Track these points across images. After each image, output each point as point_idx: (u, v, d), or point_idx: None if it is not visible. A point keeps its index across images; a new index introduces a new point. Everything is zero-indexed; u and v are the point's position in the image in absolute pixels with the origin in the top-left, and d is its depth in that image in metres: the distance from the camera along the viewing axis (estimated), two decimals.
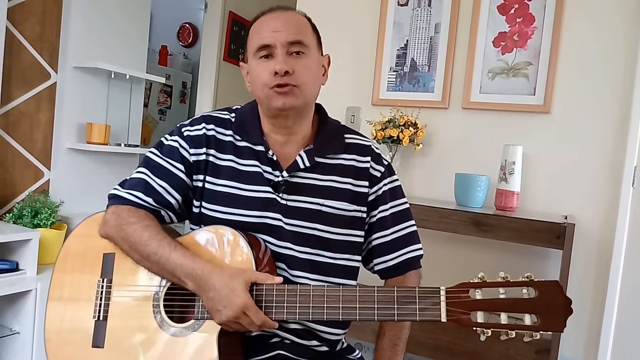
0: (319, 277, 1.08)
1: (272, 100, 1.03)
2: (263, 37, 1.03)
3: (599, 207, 1.94)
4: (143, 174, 1.09)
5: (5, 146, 2.33)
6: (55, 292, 1.10)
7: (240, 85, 2.88)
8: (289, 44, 1.02)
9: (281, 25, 1.03)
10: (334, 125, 1.18)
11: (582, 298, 1.94)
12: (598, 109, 1.95)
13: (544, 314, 0.85)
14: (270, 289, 0.95)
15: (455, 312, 0.88)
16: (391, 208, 1.16)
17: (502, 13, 2.11)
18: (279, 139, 1.10)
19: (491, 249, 2.11)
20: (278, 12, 1.06)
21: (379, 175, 1.15)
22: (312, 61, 1.06)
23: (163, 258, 0.98)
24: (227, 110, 1.15)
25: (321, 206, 1.09)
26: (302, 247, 1.07)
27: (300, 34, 1.04)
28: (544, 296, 0.85)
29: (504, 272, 0.88)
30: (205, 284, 0.94)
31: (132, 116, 2.92)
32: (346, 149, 1.14)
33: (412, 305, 0.90)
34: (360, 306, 0.92)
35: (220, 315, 0.93)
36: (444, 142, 2.24)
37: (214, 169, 1.09)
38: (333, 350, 1.14)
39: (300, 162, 1.08)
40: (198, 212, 1.10)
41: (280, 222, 1.07)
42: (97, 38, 2.64)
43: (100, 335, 1.04)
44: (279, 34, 1.02)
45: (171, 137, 1.12)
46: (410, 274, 1.17)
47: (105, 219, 1.06)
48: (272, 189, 1.07)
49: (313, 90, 1.08)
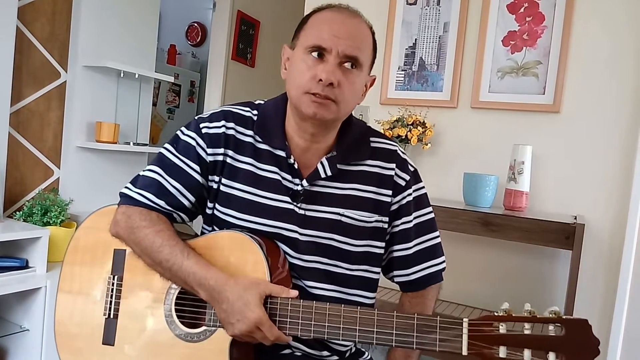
0: (335, 288, 1.05)
1: (304, 106, 0.96)
2: (321, 38, 0.95)
3: (609, 208, 1.92)
4: (156, 173, 1.04)
5: (15, 145, 2.35)
6: (65, 285, 1.09)
7: (249, 84, 2.89)
8: (345, 56, 0.95)
9: (345, 34, 0.95)
10: (359, 129, 1.11)
11: (592, 299, 1.93)
12: (608, 109, 1.93)
13: (570, 353, 0.80)
14: (285, 303, 0.92)
15: (477, 345, 0.84)
16: (415, 219, 1.10)
17: (512, 12, 2.10)
18: (301, 143, 1.04)
19: (500, 249, 2.10)
20: (346, 15, 0.98)
21: (404, 184, 1.09)
22: (360, 80, 1.00)
23: (175, 266, 0.95)
24: (249, 107, 1.08)
25: (341, 216, 1.04)
26: (317, 257, 1.04)
27: (359, 50, 0.96)
28: (572, 335, 0.81)
29: (529, 305, 0.84)
30: (218, 296, 0.91)
31: (141, 115, 2.93)
32: (372, 154, 1.08)
33: (433, 335, 0.86)
34: (377, 330, 0.89)
35: (232, 329, 0.90)
36: (453, 142, 2.23)
37: (231, 171, 1.04)
38: (343, 357, 1.11)
39: (322, 170, 1.03)
40: (211, 214, 1.07)
41: (295, 233, 1.03)
42: (107, 37, 2.65)
43: (111, 334, 1.03)
44: (340, 41, 0.94)
45: (188, 132, 1.06)
46: (430, 288, 1.14)
47: (116, 219, 1.03)
48: (291, 199, 1.03)
49: (349, 108, 1.02)
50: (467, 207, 1.91)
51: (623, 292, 1.86)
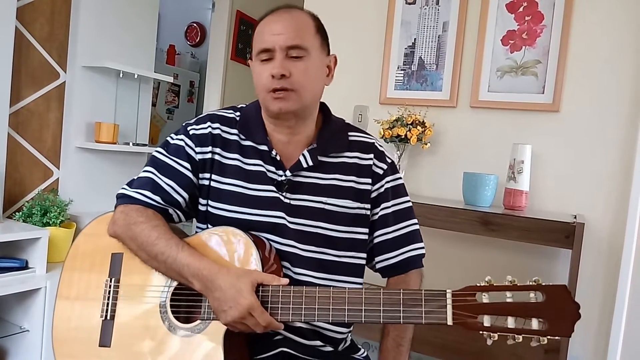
0: (323, 275, 1.09)
1: (269, 104, 1.05)
2: (264, 41, 1.04)
3: (609, 207, 1.93)
4: (150, 173, 1.10)
5: (15, 145, 2.35)
6: (63, 291, 1.11)
7: (248, 84, 2.87)
8: (287, 48, 1.03)
9: (282, 29, 1.03)
10: (337, 124, 1.18)
11: (592, 298, 1.93)
12: (607, 108, 1.93)
13: (551, 318, 0.83)
14: (276, 290, 0.95)
15: (461, 315, 0.87)
16: (393, 206, 1.16)
17: (511, 11, 2.10)
18: (282, 138, 1.11)
19: (499, 249, 2.10)
20: (281, 13, 1.06)
21: (382, 172, 1.15)
22: (312, 64, 1.06)
23: (170, 258, 0.99)
24: (232, 109, 1.16)
25: (324, 204, 1.09)
26: (306, 246, 1.08)
27: (298, 38, 1.04)
28: (552, 300, 0.84)
29: (511, 276, 0.87)
30: (211, 285, 0.95)
31: (141, 115, 2.94)
32: (349, 146, 1.14)
33: (418, 308, 0.90)
34: (366, 308, 0.92)
35: (225, 316, 0.93)
36: (452, 141, 2.23)
37: (220, 168, 1.10)
38: (337, 349, 1.13)
39: (304, 161, 1.09)
40: (204, 211, 1.11)
41: (284, 220, 1.07)
42: (106, 37, 2.65)
43: (107, 335, 1.05)
44: (279, 37, 1.03)
45: (177, 137, 1.13)
46: (412, 273, 1.17)
47: (114, 218, 1.07)
48: (276, 188, 1.08)
49: (313, 93, 1.08)
50: (466, 207, 1.91)
51: (623, 291, 1.86)
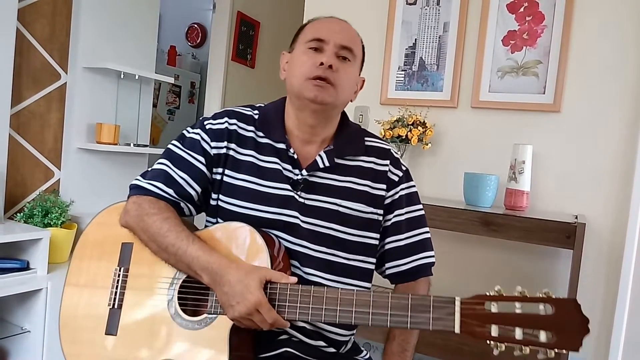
0: (332, 277, 1.09)
1: (306, 90, 1.04)
2: (319, 32, 1.07)
3: (610, 207, 1.92)
4: (164, 165, 1.10)
5: (16, 146, 2.35)
6: (72, 278, 1.11)
7: (249, 84, 2.89)
8: (341, 47, 1.06)
9: (339, 29, 1.08)
10: (354, 128, 1.20)
11: (593, 298, 1.93)
12: (608, 108, 1.93)
13: (560, 332, 0.83)
14: (284, 288, 0.95)
15: (469, 324, 0.86)
16: (407, 213, 1.17)
17: (512, 11, 2.10)
18: (300, 136, 1.12)
19: (501, 249, 2.10)
20: (338, 19, 1.12)
21: (397, 179, 1.16)
22: (353, 72, 1.11)
23: (180, 250, 0.99)
24: (250, 107, 1.17)
25: (338, 206, 1.09)
26: (317, 246, 1.08)
27: (353, 43, 1.09)
28: (561, 314, 0.83)
29: (521, 287, 0.86)
30: (220, 279, 0.95)
31: (142, 116, 2.94)
32: (366, 151, 1.15)
33: (426, 314, 0.89)
34: (373, 311, 0.92)
35: (233, 311, 0.93)
36: (453, 142, 2.23)
37: (234, 163, 1.11)
38: (340, 351, 1.13)
39: (320, 162, 1.10)
40: (215, 205, 1.11)
41: (297, 219, 1.08)
42: (107, 38, 2.65)
43: (114, 323, 1.05)
44: (336, 34, 1.06)
45: (193, 130, 1.14)
46: (420, 281, 1.17)
47: (127, 208, 1.08)
48: (291, 187, 1.09)
49: (345, 96, 1.10)
50: (467, 207, 1.91)
51: (624, 291, 1.86)
